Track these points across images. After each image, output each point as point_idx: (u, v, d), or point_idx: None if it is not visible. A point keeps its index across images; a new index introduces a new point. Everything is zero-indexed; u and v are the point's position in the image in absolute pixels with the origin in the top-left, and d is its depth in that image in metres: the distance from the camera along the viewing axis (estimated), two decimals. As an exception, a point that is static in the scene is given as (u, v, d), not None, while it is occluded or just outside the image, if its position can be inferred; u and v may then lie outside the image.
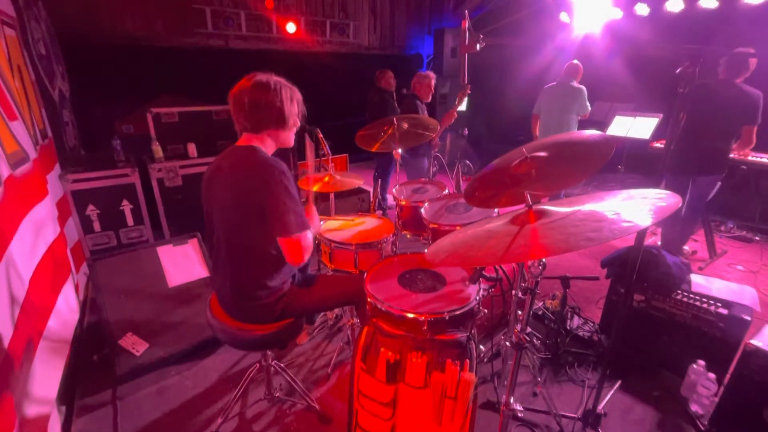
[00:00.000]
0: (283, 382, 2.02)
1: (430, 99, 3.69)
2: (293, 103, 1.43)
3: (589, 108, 3.91)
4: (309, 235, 1.41)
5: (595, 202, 1.02)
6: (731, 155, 3.12)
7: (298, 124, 1.51)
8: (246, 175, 1.36)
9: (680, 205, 0.92)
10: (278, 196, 1.32)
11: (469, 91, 3.05)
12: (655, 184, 1.30)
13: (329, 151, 2.35)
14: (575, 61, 3.91)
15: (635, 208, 0.92)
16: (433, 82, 3.64)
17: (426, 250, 1.99)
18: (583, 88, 3.85)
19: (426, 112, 3.62)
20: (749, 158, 3.26)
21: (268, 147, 1.46)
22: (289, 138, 1.50)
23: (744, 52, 2.74)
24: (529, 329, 1.31)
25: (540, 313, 2.50)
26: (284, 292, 1.52)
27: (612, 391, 1.99)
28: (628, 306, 2.02)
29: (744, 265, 3.35)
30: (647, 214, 0.88)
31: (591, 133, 1.26)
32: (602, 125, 4.60)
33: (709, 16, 4.00)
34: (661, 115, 4.04)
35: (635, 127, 4.17)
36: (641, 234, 1.44)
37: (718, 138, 2.88)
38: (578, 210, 0.98)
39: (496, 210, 2.00)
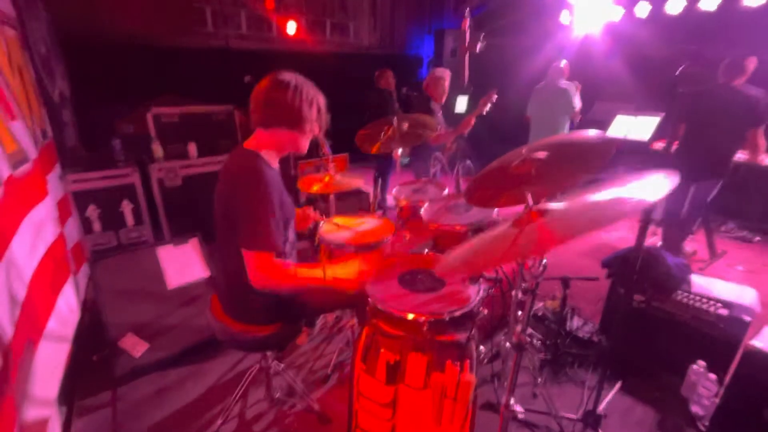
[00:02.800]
0: (283, 383, 2.02)
1: (444, 100, 3.42)
2: (312, 107, 1.39)
3: (577, 107, 3.90)
4: (284, 269, 1.34)
5: (593, 192, 1.04)
6: (742, 160, 3.10)
7: (316, 131, 1.46)
8: (232, 178, 1.35)
9: (674, 175, 0.93)
10: (252, 205, 1.29)
11: (495, 97, 2.86)
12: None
13: (329, 151, 2.35)
14: (562, 63, 3.93)
15: (635, 190, 0.94)
16: (447, 82, 3.36)
17: (426, 251, 2.00)
18: (569, 87, 3.84)
19: (441, 114, 3.35)
20: (766, 163, 3.20)
21: (275, 148, 1.44)
22: (304, 144, 1.46)
23: (740, 55, 2.74)
24: (529, 330, 1.31)
25: (540, 313, 2.50)
26: (282, 294, 1.52)
27: (612, 392, 1.99)
28: (628, 306, 2.02)
29: (744, 266, 3.35)
30: (648, 191, 0.89)
31: (591, 133, 1.26)
32: (602, 125, 4.59)
33: (709, 17, 4.00)
34: (662, 115, 4.03)
35: (635, 127, 4.16)
36: (641, 234, 1.43)
37: (721, 142, 2.85)
38: (578, 201, 1.00)
39: (495, 210, 2.00)
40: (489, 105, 2.93)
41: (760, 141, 2.78)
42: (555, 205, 1.05)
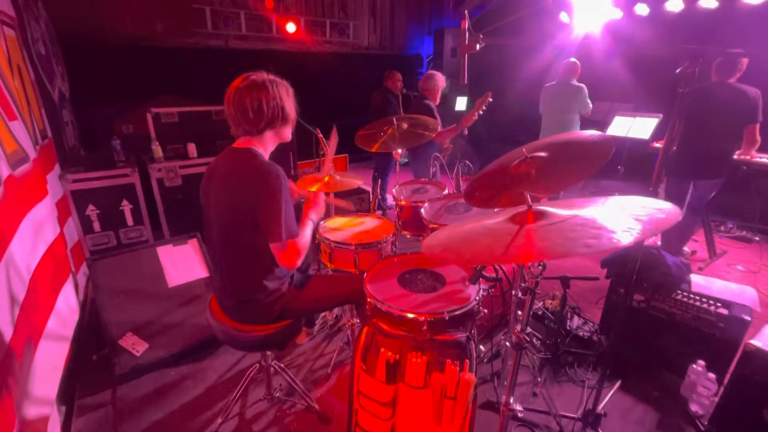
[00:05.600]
0: (282, 382, 2.02)
1: (438, 101, 3.50)
2: (290, 97, 1.43)
3: (590, 106, 3.91)
4: (302, 240, 1.41)
5: (594, 206, 1.02)
6: (735, 156, 3.10)
7: (295, 117, 1.51)
8: (241, 180, 1.35)
9: (680, 211, 0.92)
10: (271, 202, 1.31)
11: (490, 99, 2.89)
12: (653, 194, 1.29)
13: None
14: (573, 59, 3.90)
15: (633, 218, 0.91)
16: (441, 82, 3.42)
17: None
18: (583, 86, 3.85)
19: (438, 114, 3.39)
20: (755, 159, 3.23)
21: (268, 145, 1.46)
22: (289, 133, 1.50)
23: (734, 53, 2.74)
24: (528, 329, 1.31)
25: (540, 313, 2.49)
26: (282, 293, 1.52)
27: (612, 392, 1.99)
28: (628, 306, 2.02)
29: (744, 265, 3.35)
30: (644, 226, 0.86)
31: (591, 133, 1.26)
32: (602, 125, 4.59)
33: (709, 16, 4.00)
34: (661, 115, 4.03)
35: (635, 127, 4.17)
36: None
37: (719, 140, 2.86)
38: (577, 215, 0.98)
39: (496, 210, 2.00)
40: (484, 106, 2.94)
41: (758, 137, 2.80)
42: (552, 211, 1.04)
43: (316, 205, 1.61)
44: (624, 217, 0.91)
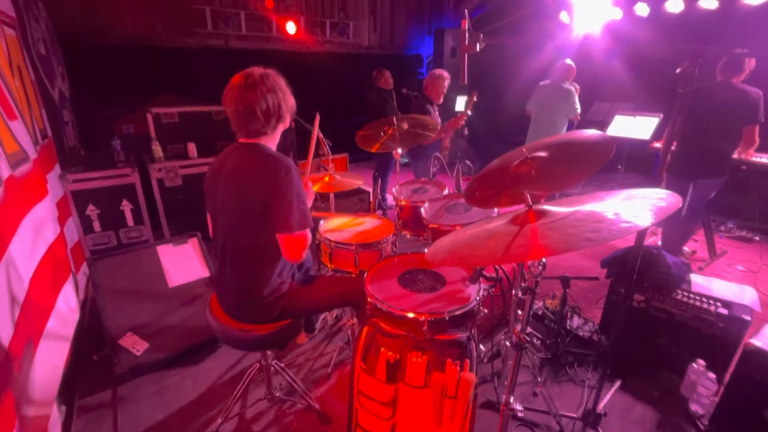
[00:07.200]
0: (283, 382, 2.02)
1: (441, 101, 3.47)
2: (287, 96, 1.43)
3: (579, 110, 3.88)
4: (308, 233, 1.41)
5: (595, 202, 1.03)
6: (733, 156, 3.11)
7: (293, 101, 1.51)
8: (251, 171, 1.36)
9: (681, 205, 0.92)
10: (284, 192, 1.32)
11: (475, 98, 2.99)
12: (655, 186, 1.30)
13: (329, 151, 2.35)
14: (568, 61, 3.89)
15: (635, 209, 0.92)
16: (447, 82, 3.41)
17: (426, 250, 2.00)
18: (573, 89, 3.83)
19: (437, 114, 3.42)
20: (752, 159, 3.24)
21: (274, 138, 1.47)
22: (287, 120, 1.50)
23: (739, 53, 2.74)
24: (529, 329, 1.31)
25: (540, 313, 2.50)
26: (283, 293, 1.52)
27: (612, 391, 1.99)
28: (628, 306, 2.01)
29: (744, 265, 3.35)
30: (647, 214, 0.88)
31: (591, 133, 1.26)
32: (602, 125, 4.60)
33: (709, 16, 4.00)
34: (661, 115, 4.04)
35: (635, 127, 4.17)
36: (641, 234, 1.44)
37: (719, 140, 2.86)
38: (578, 210, 0.98)
39: (496, 210, 2.00)
40: (471, 105, 3.01)
41: (757, 138, 2.80)
42: (553, 209, 1.04)
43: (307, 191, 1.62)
44: (626, 209, 0.92)
